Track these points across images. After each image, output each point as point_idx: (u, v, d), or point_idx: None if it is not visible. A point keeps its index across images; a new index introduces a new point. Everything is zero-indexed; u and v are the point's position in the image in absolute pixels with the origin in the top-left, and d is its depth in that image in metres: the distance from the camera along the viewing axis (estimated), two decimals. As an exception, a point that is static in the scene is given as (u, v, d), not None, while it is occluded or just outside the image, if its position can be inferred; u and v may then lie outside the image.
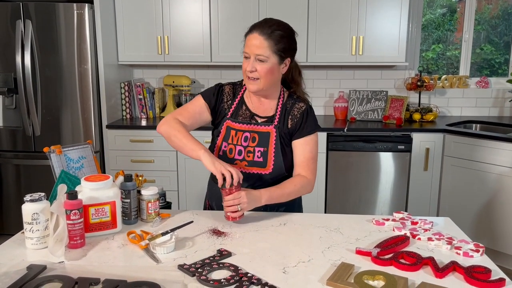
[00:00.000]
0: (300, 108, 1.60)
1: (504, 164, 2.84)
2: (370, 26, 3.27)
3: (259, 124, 1.59)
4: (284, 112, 1.60)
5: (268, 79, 1.51)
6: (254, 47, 1.48)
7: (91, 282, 1.05)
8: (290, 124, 1.58)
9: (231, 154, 1.57)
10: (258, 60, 1.48)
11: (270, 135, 1.57)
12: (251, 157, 1.56)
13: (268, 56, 1.48)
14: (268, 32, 1.48)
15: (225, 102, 1.63)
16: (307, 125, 1.59)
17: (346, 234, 1.39)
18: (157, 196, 1.49)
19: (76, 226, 1.26)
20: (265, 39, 1.47)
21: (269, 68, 1.49)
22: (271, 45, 1.47)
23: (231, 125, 1.59)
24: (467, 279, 1.10)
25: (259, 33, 1.48)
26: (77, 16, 3.07)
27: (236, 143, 1.58)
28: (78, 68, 3.14)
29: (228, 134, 1.59)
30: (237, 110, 1.62)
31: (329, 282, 1.08)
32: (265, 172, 1.55)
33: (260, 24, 1.51)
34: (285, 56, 1.52)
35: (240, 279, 1.08)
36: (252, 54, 1.49)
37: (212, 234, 1.38)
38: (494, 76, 3.75)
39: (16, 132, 3.26)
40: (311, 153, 1.60)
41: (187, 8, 3.33)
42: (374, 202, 3.25)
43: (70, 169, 1.61)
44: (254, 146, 1.57)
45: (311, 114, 1.61)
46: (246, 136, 1.58)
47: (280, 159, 1.56)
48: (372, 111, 3.52)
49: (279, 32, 1.49)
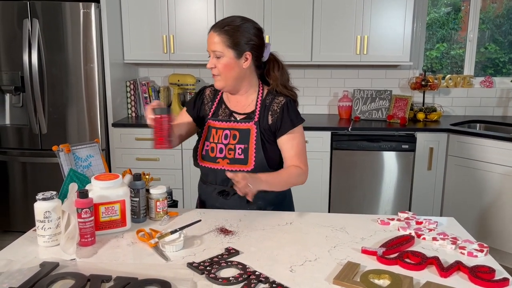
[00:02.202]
0: (279, 102, 1.59)
1: (508, 164, 2.85)
2: (374, 25, 3.28)
3: (239, 121, 1.60)
4: (263, 108, 1.60)
5: (227, 74, 1.54)
6: (211, 44, 1.53)
7: (103, 279, 1.08)
8: (270, 120, 1.58)
9: (213, 152, 1.60)
10: (215, 57, 1.53)
11: (251, 131, 1.57)
12: (232, 154, 1.57)
13: (223, 51, 1.51)
14: (221, 27, 1.52)
15: (206, 104, 1.68)
16: (289, 120, 1.57)
17: (352, 233, 1.40)
18: (165, 195, 1.51)
19: (87, 224, 1.28)
20: (218, 34, 1.51)
21: (226, 64, 1.52)
22: (224, 40, 1.50)
23: (212, 124, 1.63)
24: (471, 279, 1.11)
25: (213, 30, 1.53)
26: (83, 15, 3.09)
27: (217, 141, 1.60)
28: (84, 67, 3.16)
29: (210, 133, 1.62)
30: (217, 110, 1.65)
31: (336, 281, 1.09)
32: (247, 169, 1.55)
33: (216, 23, 1.56)
34: (242, 50, 1.52)
35: (248, 277, 1.10)
36: (210, 52, 1.54)
37: (219, 233, 1.40)
38: (498, 75, 3.75)
39: (23, 130, 3.29)
40: (299, 146, 1.59)
41: (192, 7, 3.35)
42: (378, 201, 3.27)
43: (78, 168, 1.63)
44: (234, 144, 1.58)
45: (291, 108, 1.58)
46: (226, 133, 1.59)
47: (261, 155, 1.56)
48: (376, 111, 3.53)
49: (231, 26, 1.52)
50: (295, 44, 3.34)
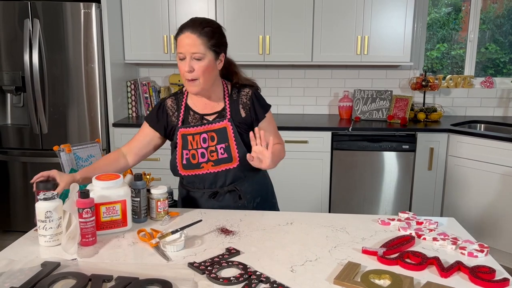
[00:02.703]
0: (247, 94, 1.62)
1: (508, 164, 2.85)
2: (375, 25, 3.28)
3: (212, 122, 1.59)
4: (232, 102, 1.61)
5: (206, 77, 1.51)
6: (189, 46, 1.47)
7: (104, 279, 1.08)
8: (244, 113, 1.60)
9: (195, 159, 1.58)
10: (194, 59, 1.48)
11: (227, 129, 1.57)
12: (215, 156, 1.57)
13: (204, 53, 1.48)
14: (200, 29, 1.48)
15: (171, 115, 1.63)
16: (261, 108, 1.62)
17: (352, 233, 1.41)
18: (166, 195, 1.52)
19: (88, 224, 1.28)
20: (197, 36, 1.47)
21: (207, 66, 1.49)
22: (204, 41, 1.47)
23: (185, 131, 1.59)
24: (471, 279, 1.11)
25: (191, 31, 1.47)
26: (84, 15, 3.10)
27: (196, 147, 1.58)
28: (85, 67, 3.16)
29: (186, 141, 1.59)
30: (186, 117, 1.61)
31: (336, 281, 1.10)
32: (233, 166, 1.58)
33: (189, 23, 1.51)
34: (219, 51, 1.53)
35: (249, 277, 1.11)
36: (187, 54, 1.48)
37: (220, 233, 1.40)
38: (499, 75, 3.75)
39: (23, 130, 3.29)
40: (274, 128, 1.67)
41: (193, 7, 3.35)
42: (378, 201, 3.27)
43: (79, 167, 1.64)
44: (214, 145, 1.58)
45: (258, 96, 1.64)
46: (204, 137, 1.58)
47: (243, 149, 1.58)
48: (377, 111, 3.53)
49: (209, 28, 1.50)
50: (295, 44, 3.34)
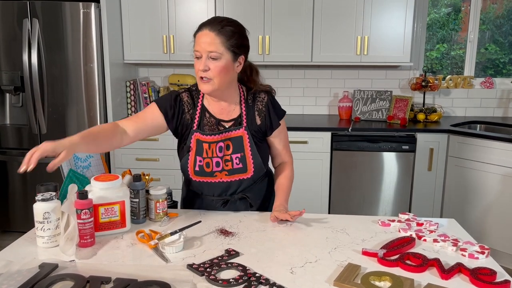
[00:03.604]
0: (262, 100, 1.56)
1: (508, 165, 2.85)
2: (375, 26, 3.28)
3: (229, 129, 1.53)
4: (248, 109, 1.55)
5: (222, 78, 1.43)
6: (206, 44, 1.39)
7: (102, 281, 1.07)
8: (259, 120, 1.55)
9: (209, 168, 1.53)
10: (210, 58, 1.40)
11: (243, 138, 1.52)
12: (230, 165, 1.53)
13: (222, 53, 1.40)
14: (219, 27, 1.40)
15: (187, 112, 1.54)
16: (276, 116, 1.57)
17: (352, 235, 1.40)
18: (165, 196, 1.51)
19: (87, 225, 1.28)
20: (216, 34, 1.40)
21: (223, 66, 1.41)
22: (223, 40, 1.40)
23: (202, 138, 1.52)
24: (472, 281, 1.11)
25: (209, 29, 1.40)
26: (83, 15, 3.09)
27: (211, 155, 1.52)
28: (84, 67, 3.16)
29: (201, 148, 1.52)
30: (201, 119, 1.54)
31: (336, 282, 1.09)
32: (247, 176, 1.55)
33: (209, 21, 1.44)
34: (239, 53, 1.45)
35: (248, 279, 1.10)
36: (204, 52, 1.40)
37: (219, 234, 1.39)
38: (498, 76, 3.75)
39: (22, 130, 3.28)
40: (285, 138, 1.65)
41: (192, 7, 3.34)
42: (378, 202, 3.26)
43: (78, 168, 1.62)
44: (230, 154, 1.52)
45: (274, 102, 1.58)
46: (220, 146, 1.52)
47: (258, 160, 1.54)
48: (377, 111, 3.52)
49: (229, 27, 1.42)
50: (295, 44, 3.34)
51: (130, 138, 1.49)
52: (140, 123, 1.50)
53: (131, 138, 1.49)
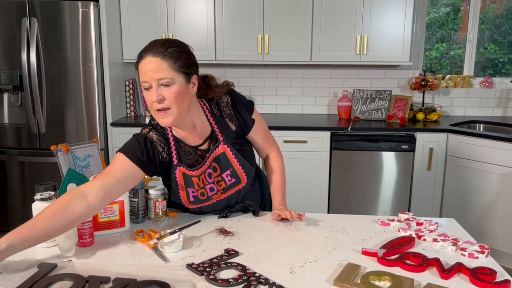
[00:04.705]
0: (227, 103, 1.47)
1: (507, 165, 2.85)
2: (374, 25, 3.28)
3: (209, 152, 1.44)
4: (218, 121, 1.46)
5: (180, 104, 1.29)
6: (153, 72, 1.25)
7: (101, 281, 1.07)
8: (234, 126, 1.48)
9: (203, 196, 1.47)
10: (162, 86, 1.27)
11: (226, 153, 1.45)
12: (223, 184, 1.47)
13: (173, 77, 1.27)
14: (162, 51, 1.27)
15: (162, 151, 1.41)
16: (246, 111, 1.50)
17: (352, 234, 1.40)
18: (164, 196, 1.51)
19: (86, 225, 1.27)
20: (161, 59, 1.26)
21: (178, 92, 1.28)
22: (170, 64, 1.27)
23: (188, 173, 1.43)
24: (472, 281, 1.11)
25: (153, 55, 1.26)
26: (82, 14, 3.08)
27: (203, 185, 1.46)
28: (83, 66, 3.15)
29: (190, 181, 1.44)
30: (179, 152, 1.43)
31: (336, 282, 1.09)
32: (242, 186, 1.51)
33: (149, 47, 1.29)
34: (190, 72, 1.32)
35: (248, 279, 1.10)
36: (153, 81, 1.26)
37: (219, 234, 1.39)
38: (498, 76, 3.75)
39: (21, 130, 3.27)
40: (263, 128, 1.59)
41: (191, 6, 3.34)
42: (377, 202, 3.26)
43: (77, 167, 1.62)
44: (220, 174, 1.46)
45: (237, 100, 1.49)
46: (209, 173, 1.45)
47: (247, 166, 1.48)
48: (376, 111, 3.52)
49: (173, 48, 1.29)
50: (294, 44, 3.33)
51: (99, 199, 1.23)
52: (108, 179, 1.27)
53: (100, 198, 1.23)
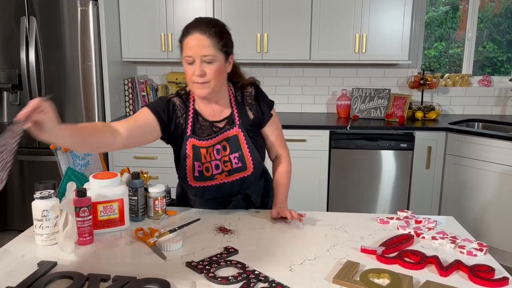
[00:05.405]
0: (250, 93, 1.55)
1: (506, 163, 2.86)
2: (373, 24, 3.28)
3: (223, 130, 1.50)
4: (239, 106, 1.53)
5: (217, 80, 1.42)
6: (198, 48, 1.36)
7: (101, 279, 1.07)
8: (252, 115, 1.54)
9: (208, 172, 1.50)
10: (204, 62, 1.38)
11: (238, 137, 1.50)
12: (229, 166, 1.50)
13: (215, 55, 1.38)
14: (209, 29, 1.38)
15: (180, 116, 1.50)
16: (266, 106, 1.57)
17: (351, 232, 1.40)
18: (164, 194, 1.51)
19: (85, 223, 1.27)
20: (207, 37, 1.37)
21: (218, 69, 1.40)
22: (215, 42, 1.38)
23: (198, 144, 1.49)
24: (471, 278, 1.11)
25: (200, 32, 1.37)
26: (81, 13, 3.08)
27: (210, 159, 1.49)
28: (82, 65, 3.15)
29: (198, 153, 1.49)
30: (194, 124, 1.51)
31: (335, 280, 1.09)
32: (247, 174, 1.53)
33: (196, 24, 1.40)
34: (229, 52, 1.44)
35: (247, 277, 1.10)
36: (197, 57, 1.37)
37: (218, 232, 1.39)
38: (496, 74, 3.76)
39: (20, 128, 3.27)
40: (278, 128, 1.64)
41: (190, 5, 3.33)
42: (376, 200, 3.27)
43: (76, 166, 1.62)
44: (228, 155, 1.50)
45: (261, 94, 1.58)
46: (218, 148, 1.50)
47: (256, 155, 1.53)
48: (375, 109, 3.53)
49: (217, 28, 1.41)
50: (293, 42, 3.33)
51: (123, 138, 1.34)
52: (132, 123, 1.40)
53: (124, 138, 1.34)
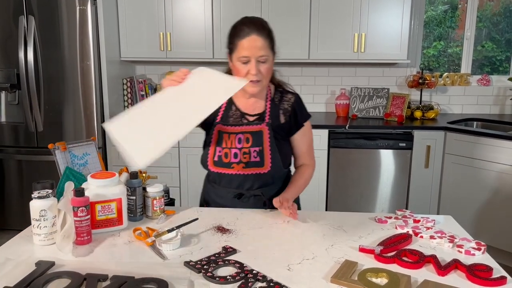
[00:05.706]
0: (289, 100, 1.60)
1: (504, 162, 2.86)
2: (372, 23, 3.28)
3: (251, 123, 1.55)
4: (273, 107, 1.58)
5: (268, 78, 1.51)
6: (256, 49, 1.43)
7: (99, 279, 1.07)
8: (283, 119, 1.57)
9: (227, 158, 1.54)
10: (259, 62, 1.45)
11: (263, 133, 1.54)
12: (248, 158, 1.53)
13: (268, 55, 1.47)
14: (265, 31, 1.46)
15: None
16: (301, 117, 1.60)
17: (349, 231, 1.40)
18: (162, 193, 1.51)
19: (83, 223, 1.27)
20: (264, 39, 1.45)
21: (269, 67, 1.49)
22: (269, 44, 1.47)
23: (222, 128, 1.55)
24: (469, 277, 1.11)
25: (257, 34, 1.44)
26: (79, 12, 3.07)
27: (230, 146, 1.54)
28: (80, 64, 3.14)
29: (221, 138, 1.55)
30: (227, 112, 1.58)
31: (333, 279, 1.09)
32: (264, 171, 1.54)
33: (251, 24, 1.46)
34: (275, 52, 1.53)
35: (245, 276, 1.10)
36: (253, 57, 1.44)
37: (216, 231, 1.39)
38: (495, 74, 3.76)
39: (18, 128, 3.27)
40: (309, 141, 1.66)
41: (189, 5, 3.33)
42: (375, 199, 3.27)
43: (75, 166, 1.62)
44: (249, 147, 1.53)
45: (301, 104, 1.63)
46: (240, 137, 1.54)
47: (277, 156, 1.54)
48: (374, 109, 3.53)
49: (269, 29, 1.50)
50: (292, 41, 3.33)
51: None
52: None
53: None
